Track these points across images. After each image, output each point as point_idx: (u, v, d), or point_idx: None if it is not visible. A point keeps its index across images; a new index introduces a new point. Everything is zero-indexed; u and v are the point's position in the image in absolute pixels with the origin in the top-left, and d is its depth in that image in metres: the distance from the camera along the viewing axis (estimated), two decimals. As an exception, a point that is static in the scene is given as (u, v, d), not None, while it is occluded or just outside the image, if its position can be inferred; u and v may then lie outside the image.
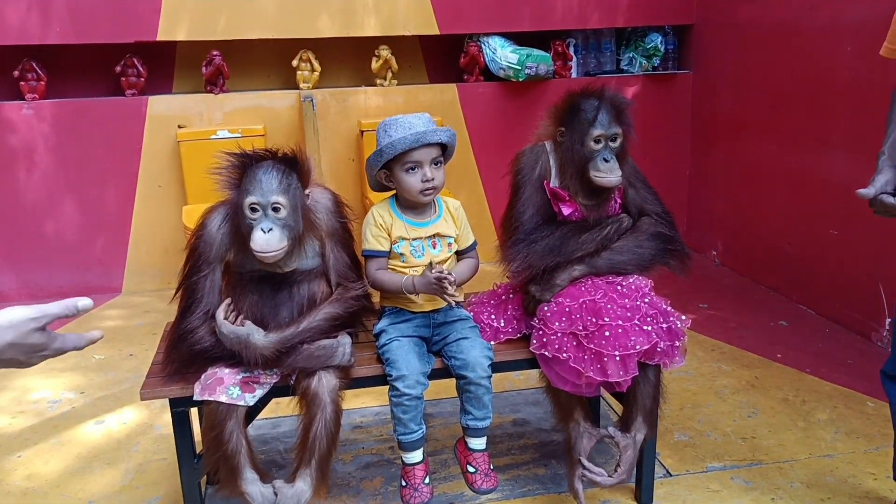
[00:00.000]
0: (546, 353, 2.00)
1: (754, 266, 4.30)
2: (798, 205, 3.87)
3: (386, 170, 2.07)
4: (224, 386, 1.86)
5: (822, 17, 3.61)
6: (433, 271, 1.92)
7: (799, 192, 3.86)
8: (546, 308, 2.04)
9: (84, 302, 1.11)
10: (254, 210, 1.83)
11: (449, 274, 1.92)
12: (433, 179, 2.01)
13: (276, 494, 1.87)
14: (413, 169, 2.02)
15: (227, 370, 1.89)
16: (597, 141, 2.08)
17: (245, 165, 1.88)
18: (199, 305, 1.91)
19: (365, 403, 2.90)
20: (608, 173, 2.06)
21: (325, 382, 1.92)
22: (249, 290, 1.95)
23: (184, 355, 1.90)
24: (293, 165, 1.90)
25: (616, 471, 2.05)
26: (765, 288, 4.15)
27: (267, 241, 1.81)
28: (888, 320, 3.26)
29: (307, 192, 1.93)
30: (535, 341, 2.03)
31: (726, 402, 2.88)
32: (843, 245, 3.54)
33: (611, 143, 2.10)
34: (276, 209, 1.83)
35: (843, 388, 2.95)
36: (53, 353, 1.11)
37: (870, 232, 3.32)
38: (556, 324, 1.99)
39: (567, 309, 2.00)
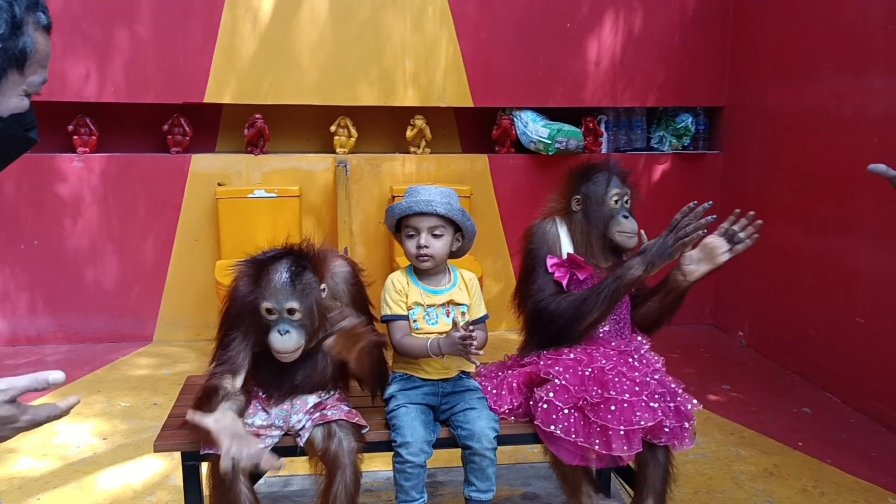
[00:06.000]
0: (556, 432, 2.01)
1: (780, 349, 4.25)
2: (824, 290, 3.85)
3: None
4: None
5: (849, 108, 3.66)
6: (458, 332, 1.96)
7: (825, 277, 3.85)
8: (549, 386, 2.07)
9: (55, 376, 1.08)
10: (270, 313, 1.91)
11: (473, 334, 1.96)
12: (427, 247, 2.10)
13: None
14: (412, 235, 2.12)
15: None
16: (615, 201, 2.24)
17: (261, 266, 1.94)
18: (226, 365, 1.98)
19: (376, 467, 2.91)
20: (629, 230, 2.23)
21: (344, 445, 1.96)
22: (268, 353, 2.01)
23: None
24: (307, 261, 1.97)
25: None
26: (790, 372, 4.09)
27: (283, 343, 1.89)
28: (913, 413, 3.20)
29: (322, 286, 1.97)
30: (540, 419, 2.04)
31: (742, 488, 2.83)
32: (870, 334, 3.50)
33: (625, 203, 2.26)
34: (291, 312, 1.90)
35: (863, 481, 2.88)
36: (26, 424, 1.08)
37: (896, 322, 3.29)
38: (559, 403, 2.01)
39: (570, 387, 2.03)
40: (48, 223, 4.36)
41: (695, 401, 2.12)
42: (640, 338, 2.29)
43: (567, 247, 2.27)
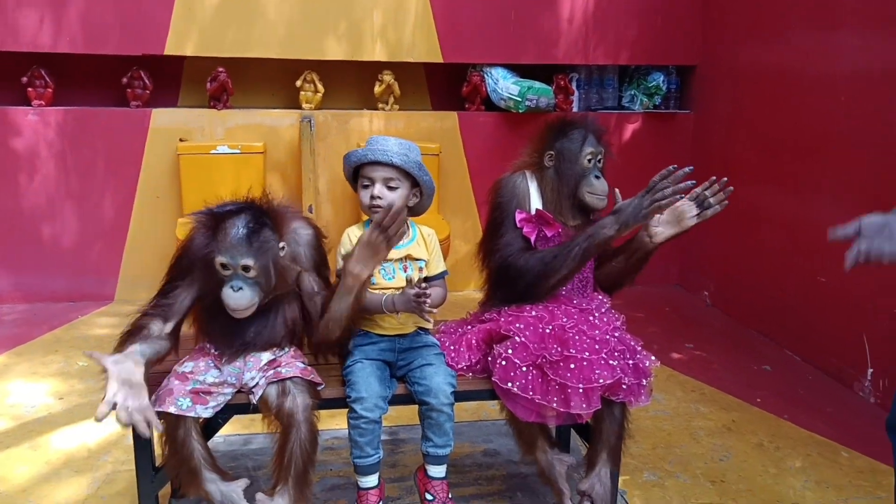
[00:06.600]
0: (513, 389, 2.00)
1: (744, 309, 4.28)
2: (789, 250, 3.87)
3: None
4: (173, 397, 1.88)
5: (817, 66, 3.63)
6: (413, 289, 1.93)
7: (790, 237, 3.86)
8: (508, 343, 2.05)
9: None
10: (224, 268, 1.85)
11: (427, 291, 1.93)
12: (380, 199, 2.06)
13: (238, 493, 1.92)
14: (367, 185, 2.08)
15: (176, 381, 1.91)
16: (588, 160, 2.20)
17: (218, 218, 1.88)
18: (158, 310, 1.93)
19: (339, 425, 2.90)
20: (600, 191, 2.19)
21: (299, 402, 1.93)
22: (220, 308, 1.96)
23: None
24: (267, 217, 1.91)
25: None
26: (753, 331, 4.13)
27: (236, 299, 1.85)
28: (870, 370, 3.24)
29: (282, 245, 1.93)
30: (497, 375, 2.03)
31: (700, 443, 2.86)
32: (830, 293, 3.52)
33: (598, 163, 2.22)
34: (245, 269, 1.85)
35: (818, 436, 2.93)
36: None
37: (857, 281, 3.31)
38: (518, 360, 2.00)
39: (530, 344, 2.01)
40: (3, 179, 4.22)
41: (653, 357, 2.12)
42: (601, 296, 2.28)
43: (536, 202, 2.23)
